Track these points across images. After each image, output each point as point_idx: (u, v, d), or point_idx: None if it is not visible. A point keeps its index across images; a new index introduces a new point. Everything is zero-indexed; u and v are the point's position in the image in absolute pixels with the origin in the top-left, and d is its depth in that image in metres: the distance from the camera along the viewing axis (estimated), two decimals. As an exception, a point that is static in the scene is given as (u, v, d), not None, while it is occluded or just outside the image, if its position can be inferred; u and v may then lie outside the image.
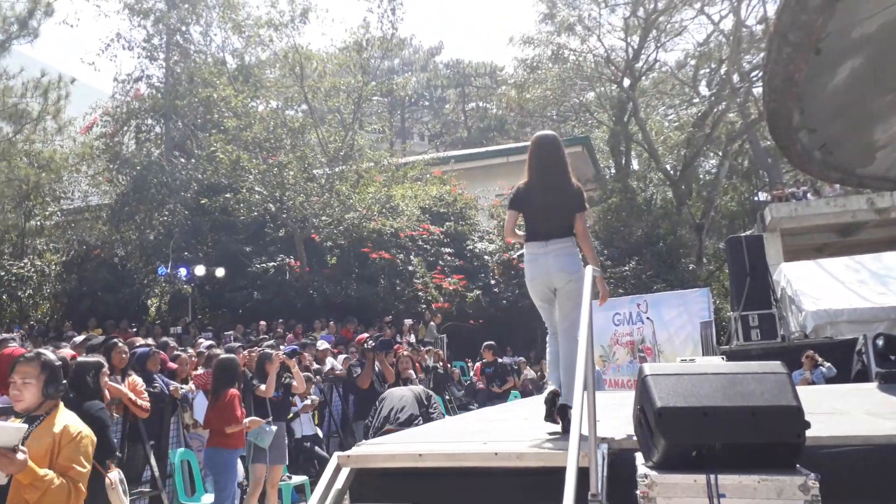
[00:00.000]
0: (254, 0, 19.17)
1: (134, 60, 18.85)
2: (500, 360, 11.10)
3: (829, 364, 8.79)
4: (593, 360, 7.66)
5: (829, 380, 8.47)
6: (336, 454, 3.34)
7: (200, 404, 6.11)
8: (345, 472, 3.30)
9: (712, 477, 2.39)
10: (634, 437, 2.95)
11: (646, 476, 2.48)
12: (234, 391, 5.77)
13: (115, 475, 4.05)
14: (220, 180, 16.24)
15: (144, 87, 18.97)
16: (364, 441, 3.66)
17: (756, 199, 27.09)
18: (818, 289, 12.06)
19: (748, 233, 18.49)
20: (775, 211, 19.30)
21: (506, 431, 3.83)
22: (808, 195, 20.15)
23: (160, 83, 18.52)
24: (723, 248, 26.25)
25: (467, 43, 78.37)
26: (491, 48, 79.24)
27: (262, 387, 6.40)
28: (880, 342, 7.73)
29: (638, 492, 2.53)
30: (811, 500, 2.30)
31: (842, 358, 8.81)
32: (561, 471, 3.04)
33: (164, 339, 8.03)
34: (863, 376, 8.48)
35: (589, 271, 3.00)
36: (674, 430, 2.45)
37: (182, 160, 17.63)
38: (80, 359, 4.75)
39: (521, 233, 3.83)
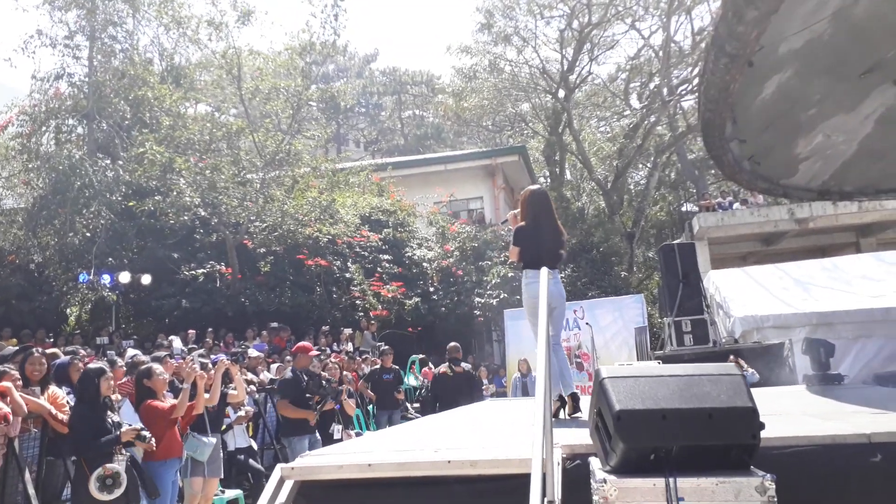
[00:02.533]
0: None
1: (55, 58, 17.79)
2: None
3: (752, 370, 9.12)
4: (529, 365, 7.59)
5: (752, 385, 8.77)
6: (279, 466, 3.17)
7: (126, 414, 5.77)
8: (288, 485, 3.13)
9: (671, 480, 2.37)
10: (588, 441, 2.92)
11: (604, 480, 2.44)
12: (147, 402, 5.57)
13: (97, 472, 4.58)
14: (149, 183, 15.56)
15: (66, 86, 18.01)
16: (308, 452, 3.50)
17: (682, 209, 28.08)
18: (745, 295, 12.53)
19: (678, 241, 19.08)
20: (703, 220, 20.02)
21: (456, 438, 3.74)
22: (735, 205, 21.00)
23: (83, 81, 17.61)
24: (652, 257, 27.10)
25: (403, 51, 78.40)
26: (427, 57, 79.52)
27: (206, 395, 6.12)
28: (804, 346, 8.11)
29: (596, 496, 2.48)
30: (768, 501, 2.31)
31: (770, 361, 9.14)
32: (514, 478, 2.98)
33: (76, 348, 7.52)
34: (788, 379, 8.82)
35: (544, 275, 2.97)
36: (632, 433, 2.42)
37: (107, 162, 16.81)
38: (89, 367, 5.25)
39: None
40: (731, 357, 9.55)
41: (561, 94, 23.19)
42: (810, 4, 5.57)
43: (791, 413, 3.97)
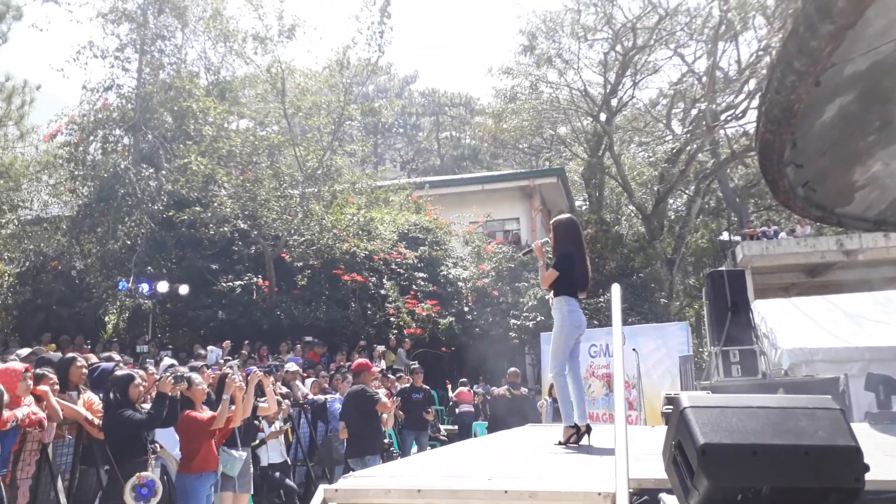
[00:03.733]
0: (237, 13, 18.81)
1: (105, 69, 18.22)
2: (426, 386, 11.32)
3: None
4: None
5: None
6: (323, 487, 2.98)
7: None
8: (331, 508, 2.94)
9: (762, 525, 2.13)
10: (657, 476, 2.69)
11: (686, 521, 2.21)
12: (185, 412, 5.46)
13: (131, 480, 4.49)
14: (191, 194, 15.72)
15: (114, 97, 18.40)
16: (352, 473, 3.31)
17: (720, 238, 27.45)
18: (793, 327, 12.06)
19: (726, 268, 18.59)
20: (747, 249, 19.49)
21: (508, 466, 3.51)
22: (781, 235, 20.43)
23: (131, 93, 17.97)
24: (692, 284, 26.48)
25: (443, 73, 79.05)
26: (466, 79, 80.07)
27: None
28: (866, 382, 7.70)
29: (673, 538, 2.25)
30: (876, 555, 2.05)
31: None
32: (576, 512, 2.75)
33: (109, 354, 7.48)
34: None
35: (616, 294, 2.75)
36: (719, 470, 2.18)
37: (151, 171, 17.07)
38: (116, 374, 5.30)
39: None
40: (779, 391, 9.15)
41: (602, 117, 22.95)
42: (880, 24, 5.30)
43: (871, 454, 3.64)
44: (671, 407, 8.01)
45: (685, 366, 10.45)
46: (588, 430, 4.48)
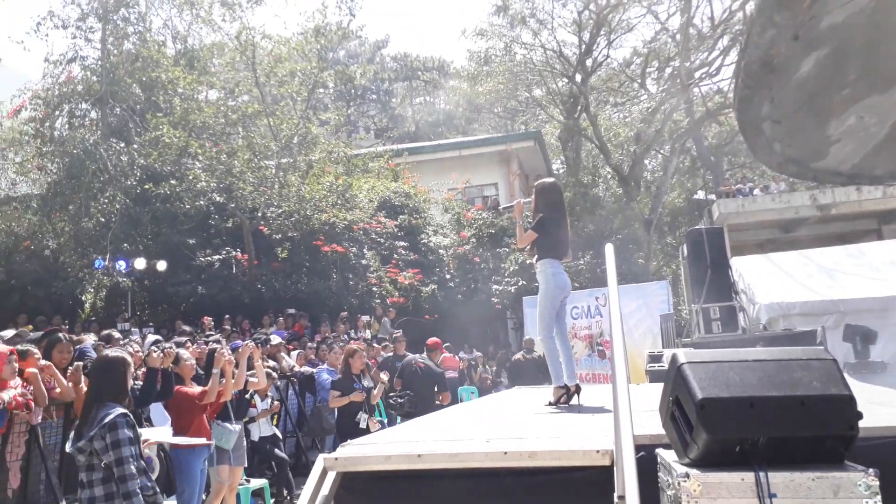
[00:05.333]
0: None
1: (67, 40, 17.59)
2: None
3: None
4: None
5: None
6: (322, 456, 2.98)
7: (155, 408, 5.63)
8: (331, 477, 2.95)
9: (762, 475, 2.17)
10: (652, 432, 2.73)
11: (686, 475, 2.24)
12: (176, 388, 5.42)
13: None
14: (164, 168, 15.40)
15: (78, 70, 17.82)
16: (350, 441, 3.32)
17: (694, 197, 27.69)
18: (769, 282, 12.29)
19: (704, 226, 18.77)
20: (723, 206, 19.73)
21: (504, 427, 3.55)
22: (756, 191, 20.68)
23: (96, 65, 17.40)
24: (670, 243, 26.78)
25: (415, 37, 77.68)
26: (439, 43, 78.81)
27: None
28: (844, 333, 7.89)
29: (672, 492, 2.29)
30: (871, 497, 2.11)
31: (802, 349, 8.89)
32: (575, 471, 2.79)
33: (109, 332, 7.38)
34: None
35: (610, 253, 2.74)
36: (718, 423, 2.21)
37: (121, 146, 16.65)
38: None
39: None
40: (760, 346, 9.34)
41: (577, 77, 22.82)
42: (859, -26, 5.31)
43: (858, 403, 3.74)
44: (655, 364, 8.05)
45: (666, 324, 10.60)
46: (577, 389, 4.55)
